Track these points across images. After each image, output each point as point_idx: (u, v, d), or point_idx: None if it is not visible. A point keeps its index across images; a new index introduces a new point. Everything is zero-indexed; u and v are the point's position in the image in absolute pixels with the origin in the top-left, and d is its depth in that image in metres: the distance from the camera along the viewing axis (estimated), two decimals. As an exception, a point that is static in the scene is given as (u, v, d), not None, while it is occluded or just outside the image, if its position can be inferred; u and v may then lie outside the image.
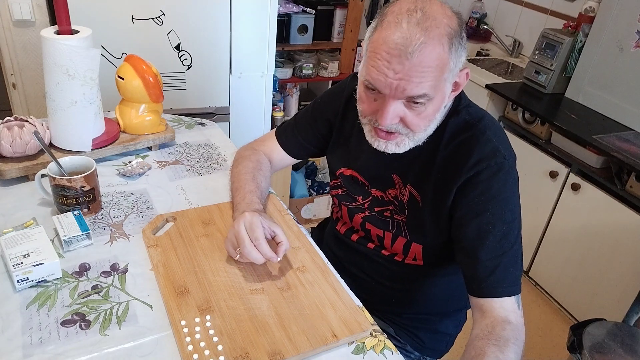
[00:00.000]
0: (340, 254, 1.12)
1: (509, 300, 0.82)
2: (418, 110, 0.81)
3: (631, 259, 1.78)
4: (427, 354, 1.12)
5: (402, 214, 0.97)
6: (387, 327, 1.08)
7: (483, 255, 0.84)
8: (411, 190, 0.94)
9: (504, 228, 0.84)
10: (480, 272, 0.83)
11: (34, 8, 1.60)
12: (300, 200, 2.53)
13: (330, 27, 2.56)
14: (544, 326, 2.07)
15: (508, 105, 2.28)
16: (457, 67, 0.81)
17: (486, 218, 0.84)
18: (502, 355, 0.73)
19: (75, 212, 0.96)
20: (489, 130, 0.88)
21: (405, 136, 0.86)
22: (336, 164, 1.07)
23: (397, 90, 0.78)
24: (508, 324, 0.79)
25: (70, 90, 1.08)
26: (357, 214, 1.04)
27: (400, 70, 0.76)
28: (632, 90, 1.95)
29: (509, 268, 0.83)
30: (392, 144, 0.87)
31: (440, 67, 0.77)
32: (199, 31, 1.76)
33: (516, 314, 0.81)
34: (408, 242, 0.99)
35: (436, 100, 0.81)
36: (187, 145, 1.33)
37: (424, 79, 0.77)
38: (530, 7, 2.67)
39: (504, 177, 0.85)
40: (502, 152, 0.86)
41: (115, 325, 0.78)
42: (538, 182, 2.12)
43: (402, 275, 1.04)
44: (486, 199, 0.85)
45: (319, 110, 1.09)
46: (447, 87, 0.82)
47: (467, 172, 0.86)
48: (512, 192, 0.86)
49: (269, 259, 0.87)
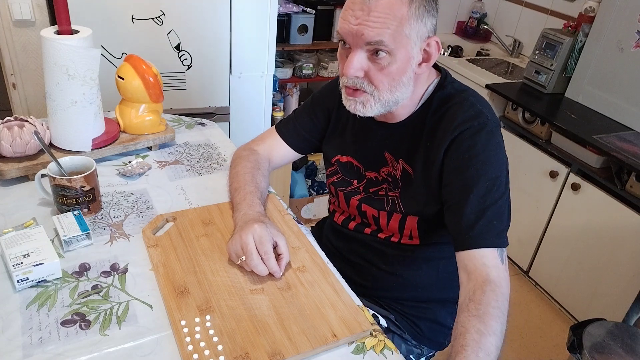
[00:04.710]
0: (339, 245, 1.15)
1: (491, 254, 0.83)
2: (380, 64, 0.85)
3: (631, 259, 1.78)
4: (425, 343, 1.13)
5: (395, 189, 1.00)
6: (388, 314, 1.09)
7: (467, 209, 0.86)
8: (403, 165, 0.98)
9: (488, 183, 0.87)
10: (464, 225, 0.86)
11: (34, 8, 1.60)
12: (300, 200, 2.53)
13: (330, 27, 2.56)
14: (544, 326, 2.07)
15: (508, 105, 2.28)
16: (422, 30, 0.85)
17: (470, 173, 0.88)
18: (484, 326, 0.74)
19: (75, 212, 0.96)
20: (473, 97, 0.93)
21: (370, 95, 0.89)
22: (332, 152, 1.11)
23: (357, 36, 0.84)
24: (488, 284, 0.80)
25: (70, 90, 1.08)
26: (353, 197, 1.07)
27: (360, 16, 0.83)
28: (632, 90, 1.95)
29: (492, 221, 0.85)
30: (359, 104, 0.91)
31: (398, 19, 0.82)
32: (199, 31, 1.76)
33: (498, 268, 0.83)
34: (403, 217, 1.01)
35: (400, 58, 0.85)
36: (187, 145, 1.33)
37: (380, 24, 0.82)
38: (530, 7, 2.67)
39: (487, 136, 0.89)
40: (484, 114, 0.90)
41: (115, 325, 0.78)
42: (538, 182, 2.12)
43: (399, 258, 1.06)
44: (469, 156, 0.88)
45: (318, 102, 1.13)
46: (412, 48, 0.86)
47: (451, 134, 0.90)
48: (496, 151, 0.90)
49: (273, 273, 0.88)
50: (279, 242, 0.91)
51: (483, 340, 0.73)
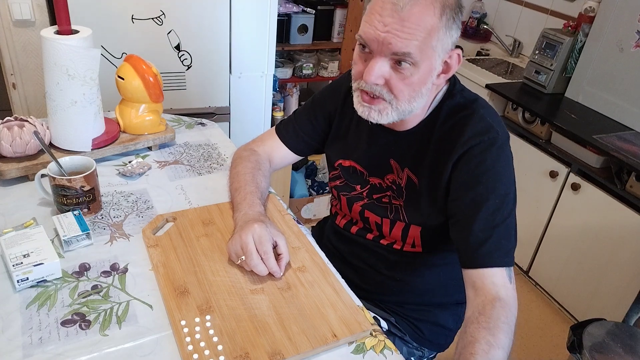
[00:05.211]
0: (341, 247, 1.14)
1: (500, 273, 0.83)
2: (403, 75, 0.83)
3: (631, 259, 1.78)
4: (426, 345, 1.12)
5: (399, 198, 0.98)
6: (389, 317, 1.09)
7: (476, 226, 0.85)
8: (409, 174, 0.96)
9: (497, 201, 0.85)
10: (473, 242, 0.85)
11: (34, 8, 1.60)
12: (300, 200, 2.53)
13: (330, 27, 2.56)
14: (544, 326, 2.07)
15: (508, 105, 2.28)
16: (447, 42, 0.83)
17: (479, 190, 0.86)
18: (493, 339, 0.74)
19: (75, 212, 0.96)
20: (483, 109, 0.91)
21: (389, 104, 0.86)
22: (335, 156, 1.09)
23: (383, 44, 0.80)
24: (498, 301, 0.79)
25: (70, 90, 1.08)
26: (355, 202, 1.06)
27: (389, 23, 0.79)
28: (632, 90, 1.95)
29: (501, 240, 0.84)
30: (375, 111, 0.88)
31: (428, 30, 0.79)
32: (199, 31, 1.76)
33: (507, 288, 0.82)
34: (406, 226, 1.00)
35: (422, 70, 0.83)
36: (187, 145, 1.33)
37: (410, 35, 0.79)
38: (530, 7, 2.66)
39: (497, 152, 0.87)
40: (495, 128, 0.88)
41: (115, 325, 0.78)
42: (538, 182, 2.12)
43: (401, 265, 1.06)
44: (480, 172, 0.87)
45: (318, 105, 1.11)
46: (436, 60, 0.83)
47: (461, 148, 0.88)
48: (506, 167, 0.88)
49: (273, 273, 0.88)
50: (278, 242, 0.91)
51: (492, 351, 0.73)
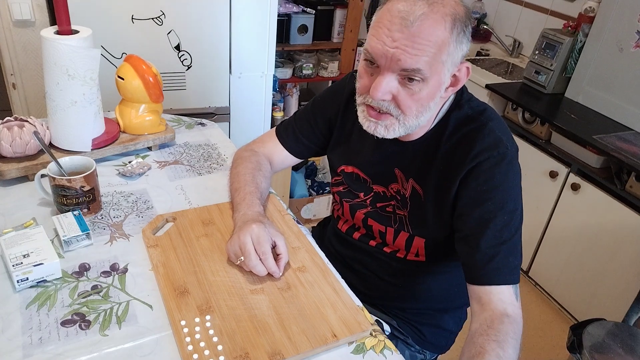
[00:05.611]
0: (342, 251, 1.13)
1: (507, 291, 0.82)
2: (412, 90, 0.81)
3: (631, 259, 1.78)
4: (428, 348, 1.12)
5: (404, 208, 0.97)
6: (390, 320, 1.09)
7: (483, 243, 0.84)
8: (413, 185, 0.94)
9: (505, 217, 0.84)
10: (480, 259, 0.84)
11: (34, 8, 1.60)
12: (300, 200, 2.53)
13: (330, 27, 2.56)
14: (544, 326, 2.07)
15: (508, 105, 2.28)
16: (457, 55, 0.81)
17: (488, 207, 0.85)
18: (503, 352, 0.74)
19: (75, 212, 0.96)
20: (491, 122, 0.88)
21: (396, 119, 0.84)
22: (337, 162, 1.08)
23: (392, 60, 0.78)
24: (507, 317, 0.79)
25: (70, 90, 1.08)
26: (358, 210, 1.05)
27: (398, 39, 0.76)
28: (632, 90, 1.95)
29: (508, 257, 0.84)
30: (381, 127, 0.86)
31: (438, 45, 0.77)
32: (199, 31, 1.76)
33: (514, 305, 0.82)
34: (410, 237, 0.99)
35: (431, 85, 0.81)
36: (187, 145, 1.33)
37: (420, 51, 0.76)
38: (530, 7, 2.67)
39: (506, 168, 0.85)
40: (504, 142, 0.86)
41: (115, 325, 0.78)
42: (538, 182, 2.12)
43: (404, 272, 1.05)
44: (488, 188, 0.85)
45: (319, 109, 1.09)
46: (445, 75, 0.82)
47: (469, 163, 0.86)
48: (514, 183, 0.87)
49: (272, 273, 0.88)
50: (277, 242, 0.90)
51: None
